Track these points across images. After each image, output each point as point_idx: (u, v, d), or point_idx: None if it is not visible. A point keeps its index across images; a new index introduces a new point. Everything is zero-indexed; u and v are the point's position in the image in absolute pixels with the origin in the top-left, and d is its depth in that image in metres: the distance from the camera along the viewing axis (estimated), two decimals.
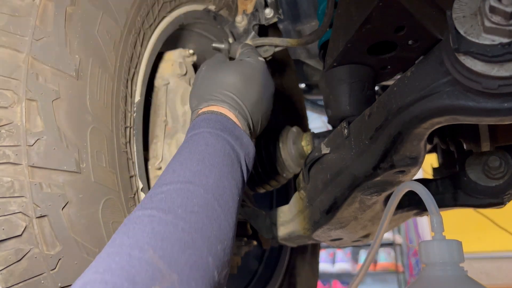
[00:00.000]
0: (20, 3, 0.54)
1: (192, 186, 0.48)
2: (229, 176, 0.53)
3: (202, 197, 0.48)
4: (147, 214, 0.45)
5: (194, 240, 0.44)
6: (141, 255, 0.40)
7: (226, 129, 0.58)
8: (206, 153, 0.53)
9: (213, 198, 0.48)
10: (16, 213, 0.50)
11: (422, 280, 0.51)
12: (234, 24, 0.88)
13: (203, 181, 0.49)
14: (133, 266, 0.39)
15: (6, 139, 0.50)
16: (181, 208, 0.46)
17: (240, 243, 0.90)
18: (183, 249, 0.43)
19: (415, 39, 0.63)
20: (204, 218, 0.46)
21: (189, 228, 0.45)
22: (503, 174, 0.73)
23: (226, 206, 0.50)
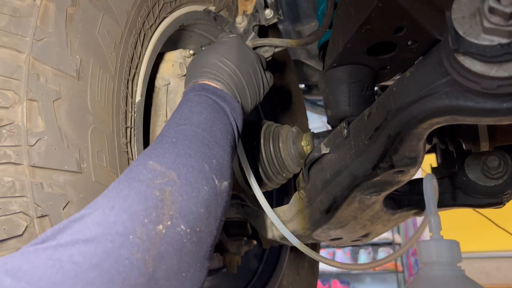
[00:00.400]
0: (21, 4, 0.54)
1: (185, 126, 0.59)
2: (215, 119, 0.62)
3: (193, 130, 0.58)
4: (156, 142, 0.56)
5: (188, 152, 0.54)
6: (142, 165, 0.50)
7: (208, 90, 0.66)
8: (193, 105, 0.63)
9: (202, 130, 0.59)
10: (17, 213, 0.50)
11: (420, 279, 0.52)
12: (234, 24, 0.89)
13: (194, 121, 0.60)
14: (135, 169, 0.50)
15: (7, 139, 0.51)
16: (175, 138, 0.56)
17: (240, 242, 0.90)
18: (178, 155, 0.53)
19: (414, 39, 0.63)
20: (196, 142, 0.57)
21: (182, 146, 0.55)
22: (502, 174, 0.73)
23: (215, 137, 0.60)
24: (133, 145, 0.67)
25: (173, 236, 0.45)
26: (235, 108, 0.68)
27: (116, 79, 0.64)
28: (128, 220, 0.42)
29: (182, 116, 0.61)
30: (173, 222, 0.46)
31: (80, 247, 0.39)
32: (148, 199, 0.46)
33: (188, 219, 0.48)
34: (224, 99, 0.67)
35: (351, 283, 4.31)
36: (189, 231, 0.47)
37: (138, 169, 0.50)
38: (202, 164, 0.54)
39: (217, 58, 0.71)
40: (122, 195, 0.45)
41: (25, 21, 0.54)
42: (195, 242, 0.48)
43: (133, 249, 0.41)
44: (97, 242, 0.39)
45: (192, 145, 0.56)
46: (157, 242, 0.43)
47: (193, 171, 0.52)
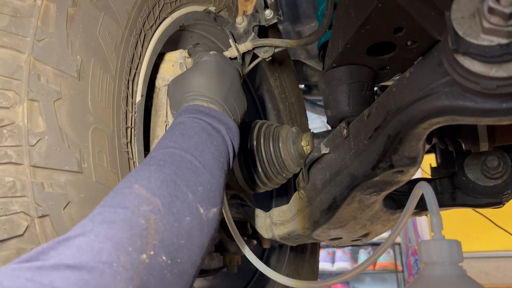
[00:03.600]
0: (22, 4, 0.54)
1: (173, 149, 0.58)
2: (208, 141, 0.62)
3: (181, 155, 0.58)
4: (144, 164, 0.56)
5: (174, 179, 0.53)
6: (128, 189, 0.50)
7: (201, 112, 0.66)
8: (185, 129, 0.63)
9: (191, 155, 0.58)
10: (18, 212, 0.51)
11: (421, 279, 0.52)
12: (234, 25, 0.89)
13: (183, 146, 0.59)
14: (121, 195, 0.49)
15: (8, 139, 0.51)
16: (163, 161, 0.56)
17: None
18: (163, 182, 0.52)
19: (414, 40, 0.63)
20: (183, 168, 0.56)
21: (169, 172, 0.54)
22: (501, 174, 0.73)
23: (206, 162, 0.59)
24: (133, 145, 0.67)
25: (155, 266, 0.45)
26: (231, 128, 0.67)
27: (116, 79, 0.64)
28: (113, 248, 0.42)
29: (172, 138, 0.60)
30: (156, 252, 0.46)
31: (63, 273, 0.38)
32: (133, 226, 0.45)
33: (169, 250, 0.47)
34: (219, 120, 0.66)
35: (350, 283, 4.31)
36: (170, 262, 0.47)
37: (124, 193, 0.49)
38: (186, 193, 0.53)
39: (203, 80, 0.71)
40: (108, 221, 0.45)
41: (25, 22, 0.54)
42: (176, 273, 0.47)
43: (116, 278, 0.40)
44: (80, 269, 0.39)
45: (178, 172, 0.55)
46: (140, 272, 0.43)
47: (176, 201, 0.51)
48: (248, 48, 0.88)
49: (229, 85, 0.73)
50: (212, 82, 0.71)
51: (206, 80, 0.71)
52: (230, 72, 0.75)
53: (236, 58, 0.90)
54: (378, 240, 3.89)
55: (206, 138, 0.62)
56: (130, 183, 0.51)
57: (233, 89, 0.73)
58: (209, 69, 0.73)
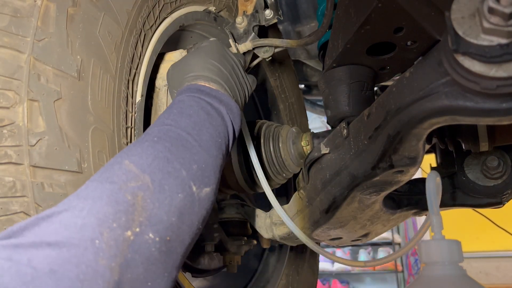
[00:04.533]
0: (22, 4, 0.54)
1: (170, 127, 0.57)
2: (206, 121, 0.61)
3: (177, 133, 0.57)
4: (138, 140, 0.55)
5: (167, 156, 0.52)
6: (118, 165, 0.49)
7: (202, 92, 0.65)
8: (184, 108, 0.62)
9: (187, 133, 0.57)
10: (18, 212, 0.51)
11: (422, 279, 0.52)
12: (234, 25, 0.89)
13: (181, 123, 0.58)
14: (110, 169, 0.48)
15: (8, 139, 0.51)
16: (157, 137, 0.55)
17: (240, 242, 0.91)
18: (155, 158, 0.51)
19: (414, 40, 0.63)
20: (178, 145, 0.55)
21: (163, 148, 0.53)
22: (501, 174, 0.73)
23: (201, 141, 0.58)
24: None
25: (140, 244, 0.44)
26: (232, 109, 0.66)
27: (116, 79, 0.64)
28: (96, 224, 0.41)
29: (169, 116, 0.59)
30: (142, 229, 0.44)
31: (43, 251, 0.37)
32: (119, 202, 0.44)
33: (158, 228, 0.46)
34: (219, 100, 0.65)
35: (350, 282, 4.31)
36: (158, 240, 0.46)
37: (113, 168, 0.48)
38: (180, 170, 0.52)
39: (203, 61, 0.70)
40: (93, 197, 0.44)
41: (26, 22, 0.54)
42: (164, 251, 0.46)
43: (98, 255, 0.39)
44: (61, 246, 0.38)
45: (172, 148, 0.54)
46: (124, 249, 0.42)
47: (169, 178, 0.50)
48: (248, 48, 0.88)
49: (230, 68, 0.72)
50: (213, 63, 0.70)
51: (206, 62, 0.70)
52: (230, 57, 0.75)
53: None
54: (378, 240, 3.90)
55: (204, 117, 0.61)
56: (121, 158, 0.50)
57: (234, 72, 0.73)
58: (209, 52, 0.72)
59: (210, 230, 0.87)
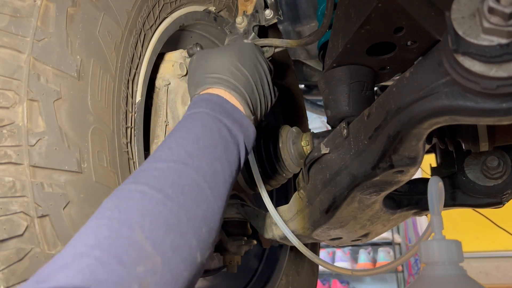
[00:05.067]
0: (22, 4, 0.54)
1: (185, 167, 0.49)
2: (223, 158, 0.53)
3: (193, 179, 0.49)
4: (139, 189, 0.46)
5: (181, 221, 0.45)
6: (129, 233, 0.41)
7: (225, 112, 0.59)
8: (202, 134, 0.54)
9: (204, 180, 0.49)
10: (18, 212, 0.50)
11: (422, 279, 0.52)
12: (234, 25, 0.89)
13: (196, 163, 0.50)
14: (122, 244, 0.40)
15: (8, 139, 0.51)
16: (171, 189, 0.47)
17: (240, 242, 0.91)
18: (168, 231, 0.44)
19: (414, 40, 0.63)
20: (193, 200, 0.48)
21: (177, 210, 0.46)
22: (501, 174, 0.73)
23: (216, 189, 0.51)
24: (133, 145, 0.67)
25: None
26: (250, 135, 0.60)
27: (116, 79, 0.64)
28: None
29: (185, 144, 0.51)
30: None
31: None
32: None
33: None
34: (240, 125, 0.58)
35: (350, 282, 4.31)
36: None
37: (123, 244, 0.40)
38: (190, 241, 0.46)
39: (232, 63, 0.64)
40: (96, 280, 0.37)
41: (25, 22, 0.54)
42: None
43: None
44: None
45: (187, 205, 0.46)
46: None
47: (178, 255, 0.44)
48: None
49: (258, 78, 0.66)
50: (241, 69, 0.64)
51: (234, 65, 0.64)
52: (261, 65, 0.69)
53: None
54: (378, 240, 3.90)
55: (221, 152, 0.54)
56: (132, 223, 0.42)
57: (261, 83, 0.67)
58: (241, 54, 0.66)
59: None
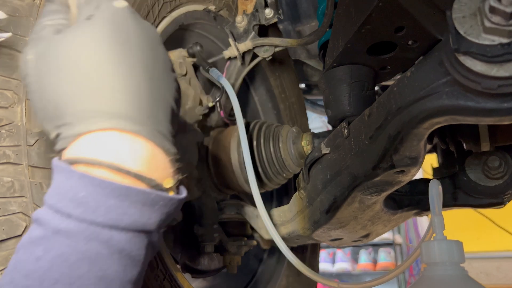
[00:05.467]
0: (21, 3, 0.54)
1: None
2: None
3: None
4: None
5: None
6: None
7: (117, 208, 0.34)
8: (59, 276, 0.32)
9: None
10: (17, 213, 0.50)
11: (423, 280, 0.51)
12: (234, 24, 0.89)
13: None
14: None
15: (6, 139, 0.50)
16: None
17: (240, 242, 0.90)
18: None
19: (414, 39, 0.63)
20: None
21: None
22: (502, 174, 0.73)
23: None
24: None
25: None
26: (170, 205, 0.38)
27: None
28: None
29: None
30: None
31: None
32: None
33: None
34: (151, 204, 0.35)
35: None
36: None
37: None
38: None
39: (118, 72, 0.36)
40: None
41: (24, 21, 0.54)
42: None
43: None
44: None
45: None
46: None
47: None
48: (248, 47, 0.88)
49: (160, 74, 0.39)
50: (135, 80, 0.37)
51: (115, 70, 0.36)
52: (160, 55, 0.41)
53: (236, 57, 0.89)
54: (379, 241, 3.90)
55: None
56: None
57: (167, 91, 0.40)
58: (120, 43, 0.37)
59: (210, 231, 0.86)
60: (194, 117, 0.80)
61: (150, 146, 0.37)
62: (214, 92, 0.88)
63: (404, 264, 0.66)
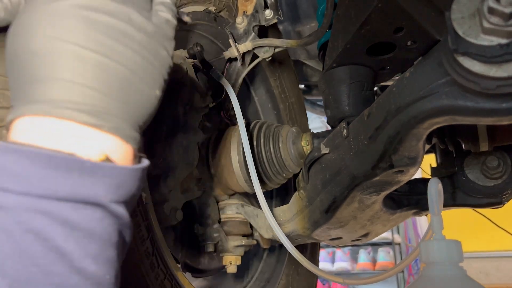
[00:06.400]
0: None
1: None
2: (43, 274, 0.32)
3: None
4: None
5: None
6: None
7: (48, 185, 0.33)
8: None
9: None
10: None
11: (422, 279, 0.52)
12: (234, 25, 0.89)
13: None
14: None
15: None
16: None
17: (240, 242, 0.91)
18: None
19: (414, 40, 0.63)
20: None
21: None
22: (501, 174, 0.73)
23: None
24: None
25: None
26: (127, 225, 0.38)
27: None
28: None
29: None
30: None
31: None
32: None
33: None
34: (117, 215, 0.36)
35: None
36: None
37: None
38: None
39: (72, 43, 0.35)
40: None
41: None
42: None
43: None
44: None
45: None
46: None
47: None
48: (248, 48, 0.88)
49: (131, 55, 0.38)
50: (87, 51, 0.36)
51: (76, 47, 0.35)
52: (122, 11, 0.38)
53: (236, 58, 0.90)
54: (378, 240, 3.90)
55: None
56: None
57: (130, 57, 0.38)
58: (79, 17, 0.36)
59: (210, 230, 0.87)
60: (194, 118, 0.80)
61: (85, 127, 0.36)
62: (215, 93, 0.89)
63: (404, 262, 0.66)
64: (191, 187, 0.83)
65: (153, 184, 0.75)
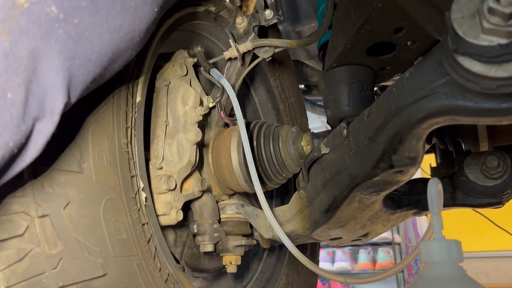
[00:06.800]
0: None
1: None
2: None
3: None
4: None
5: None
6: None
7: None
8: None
9: None
10: (18, 212, 0.51)
11: (422, 279, 0.52)
12: (234, 25, 0.89)
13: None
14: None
15: None
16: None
17: (240, 242, 0.91)
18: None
19: (413, 40, 0.63)
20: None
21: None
22: (501, 174, 0.73)
23: None
24: (133, 145, 0.67)
25: (39, 15, 0.37)
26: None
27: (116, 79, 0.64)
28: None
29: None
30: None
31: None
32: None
33: (64, 4, 0.38)
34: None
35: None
36: (63, 18, 0.38)
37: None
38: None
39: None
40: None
41: None
42: (72, 36, 0.39)
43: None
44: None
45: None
46: (16, 15, 0.35)
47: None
48: (248, 48, 0.88)
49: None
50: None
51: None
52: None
53: (236, 58, 0.90)
54: (378, 240, 3.90)
55: None
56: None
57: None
58: None
59: (210, 230, 0.87)
60: (194, 118, 0.80)
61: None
62: (215, 93, 0.88)
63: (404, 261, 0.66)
64: (191, 187, 0.83)
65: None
